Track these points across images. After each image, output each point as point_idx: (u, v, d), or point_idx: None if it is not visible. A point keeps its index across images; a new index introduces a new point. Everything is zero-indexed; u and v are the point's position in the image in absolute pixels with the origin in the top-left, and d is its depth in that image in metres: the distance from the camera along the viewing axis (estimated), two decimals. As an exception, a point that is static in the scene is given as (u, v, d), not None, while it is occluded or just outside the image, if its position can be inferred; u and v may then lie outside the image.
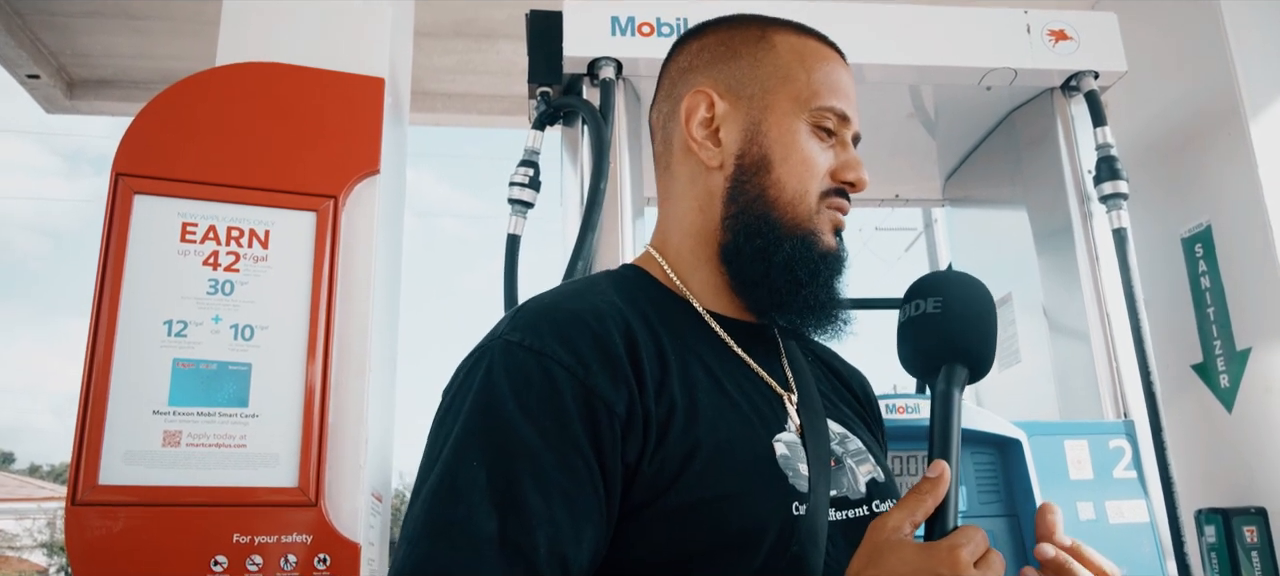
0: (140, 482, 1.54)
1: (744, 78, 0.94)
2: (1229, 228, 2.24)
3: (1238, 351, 2.20)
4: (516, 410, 0.73)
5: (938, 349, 0.82)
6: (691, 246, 0.94)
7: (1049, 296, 2.23)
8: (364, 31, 1.91)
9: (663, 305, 0.90)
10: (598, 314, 0.81)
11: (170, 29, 3.02)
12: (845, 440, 0.92)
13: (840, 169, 0.92)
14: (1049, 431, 1.84)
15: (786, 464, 0.82)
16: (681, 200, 0.96)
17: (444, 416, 0.78)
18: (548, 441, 0.72)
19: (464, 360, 0.82)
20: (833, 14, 2.07)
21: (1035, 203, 2.29)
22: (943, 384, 0.80)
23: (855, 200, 0.96)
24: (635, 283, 0.93)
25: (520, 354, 0.76)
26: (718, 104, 0.93)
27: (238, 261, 1.68)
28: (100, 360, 1.55)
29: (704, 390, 0.82)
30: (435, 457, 0.75)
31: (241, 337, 1.64)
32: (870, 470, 0.91)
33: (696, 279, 0.94)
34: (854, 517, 0.86)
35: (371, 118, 1.81)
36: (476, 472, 0.71)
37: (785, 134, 0.91)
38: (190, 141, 1.71)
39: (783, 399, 0.90)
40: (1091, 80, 2.11)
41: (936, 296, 0.83)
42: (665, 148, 0.99)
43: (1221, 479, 2.23)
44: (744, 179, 0.91)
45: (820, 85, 0.93)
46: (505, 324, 0.81)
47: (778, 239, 0.89)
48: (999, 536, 1.78)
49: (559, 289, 0.89)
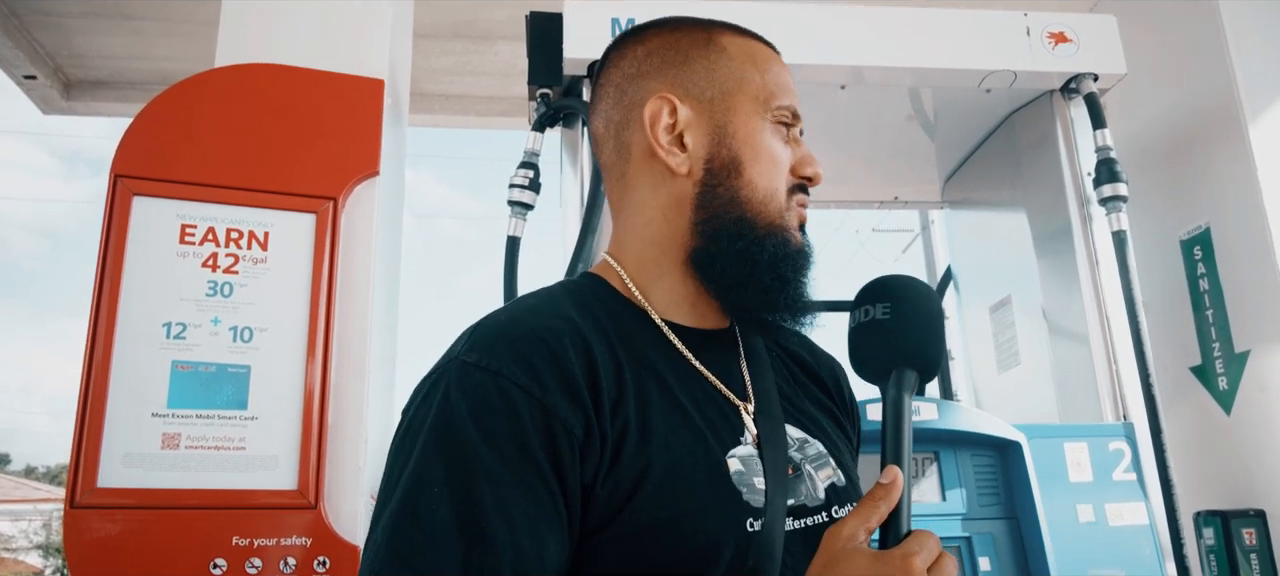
0: (139, 485, 1.53)
1: (701, 82, 0.93)
2: (1228, 230, 2.24)
3: (1236, 354, 2.20)
4: (476, 434, 0.73)
5: (888, 354, 0.83)
6: (654, 255, 0.93)
7: (1048, 299, 2.23)
8: (363, 33, 1.91)
9: (620, 318, 0.89)
10: (555, 332, 0.80)
11: (167, 30, 3.02)
12: (805, 445, 0.92)
13: (799, 164, 0.94)
14: (1049, 434, 1.84)
15: (741, 479, 0.81)
16: (643, 209, 0.94)
17: (403, 440, 0.77)
18: (508, 465, 0.72)
19: (422, 381, 0.81)
20: (832, 16, 2.07)
21: (1035, 205, 2.29)
22: (893, 389, 0.81)
23: (854, 202, 0.97)
24: (593, 294, 0.92)
25: (477, 375, 0.75)
26: (680, 109, 0.92)
27: (237, 263, 1.67)
28: (99, 362, 1.55)
29: (657, 409, 0.81)
30: (395, 482, 0.74)
31: (241, 340, 1.63)
32: (830, 475, 0.91)
33: (658, 288, 0.93)
34: (813, 525, 0.86)
35: (371, 119, 1.81)
36: (438, 499, 0.71)
37: (752, 135, 0.91)
38: (189, 143, 1.70)
39: (739, 410, 0.89)
40: (1091, 82, 2.11)
41: (885, 302, 0.84)
42: (619, 156, 0.97)
43: (1220, 481, 2.23)
44: (715, 183, 0.90)
45: (774, 85, 0.94)
46: (462, 344, 0.80)
47: (758, 239, 0.88)
48: (999, 539, 1.78)
49: (515, 305, 0.88)
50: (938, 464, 1.81)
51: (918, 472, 1.80)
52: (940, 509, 1.78)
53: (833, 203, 2.89)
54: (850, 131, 2.46)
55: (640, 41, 0.98)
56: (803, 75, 2.09)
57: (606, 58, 1.01)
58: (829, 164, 2.79)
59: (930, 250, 5.68)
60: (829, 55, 2.06)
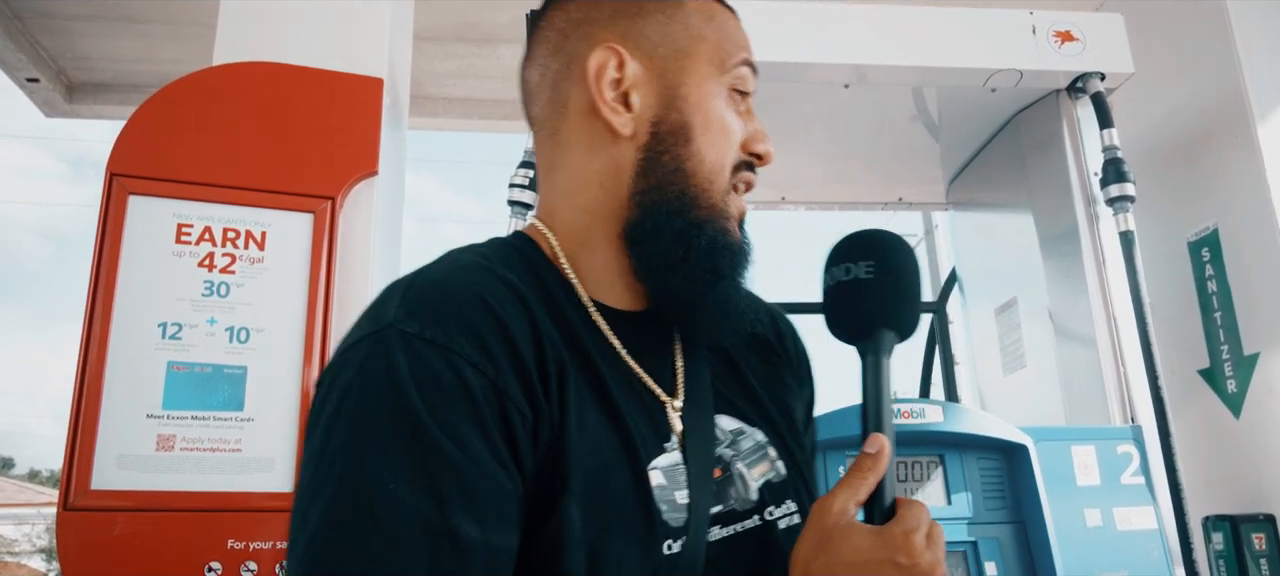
0: (133, 487, 1.52)
1: (655, 35, 0.84)
2: (1236, 231, 2.21)
3: (1245, 356, 2.17)
4: (430, 418, 0.63)
5: (871, 314, 0.78)
6: (587, 224, 0.83)
7: (1055, 300, 2.21)
8: (362, 32, 1.89)
9: (553, 292, 0.80)
10: (500, 299, 0.71)
11: (170, 32, 3.01)
12: (739, 438, 0.85)
13: (751, 139, 0.85)
14: (1056, 437, 1.82)
15: (662, 494, 0.74)
16: (578, 172, 0.84)
17: (334, 422, 0.65)
18: (469, 454, 0.63)
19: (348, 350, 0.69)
20: (835, 14, 2.06)
21: (1041, 206, 2.27)
22: (873, 353, 0.76)
23: (857, 203, 0.92)
24: (527, 259, 0.82)
25: (424, 349, 0.65)
26: (629, 64, 0.82)
27: (234, 263, 1.66)
28: (93, 363, 1.53)
29: (590, 404, 0.74)
30: (328, 472, 0.63)
31: (237, 340, 1.62)
32: (766, 469, 0.85)
33: (590, 263, 0.83)
34: (742, 531, 0.80)
35: (370, 118, 1.79)
36: (394, 493, 0.61)
37: (705, 99, 0.83)
38: (186, 141, 1.69)
39: (666, 407, 0.81)
40: (1098, 82, 2.09)
41: (869, 260, 0.78)
42: (553, 111, 0.86)
43: (1229, 485, 2.20)
44: (661, 149, 0.81)
45: (731, 44, 0.86)
46: (396, 308, 0.68)
47: (698, 222, 0.80)
48: (1005, 543, 1.75)
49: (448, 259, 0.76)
50: (943, 467, 1.79)
51: (922, 476, 1.78)
52: (946, 512, 1.76)
53: (836, 204, 2.87)
54: (853, 132, 2.44)
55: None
56: (806, 75, 2.07)
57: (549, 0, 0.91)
58: (832, 165, 2.79)
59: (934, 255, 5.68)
60: (832, 54, 2.04)
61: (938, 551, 0.68)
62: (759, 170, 0.88)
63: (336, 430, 0.64)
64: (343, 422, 0.64)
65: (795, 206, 2.79)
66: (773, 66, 2.02)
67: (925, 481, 1.78)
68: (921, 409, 1.74)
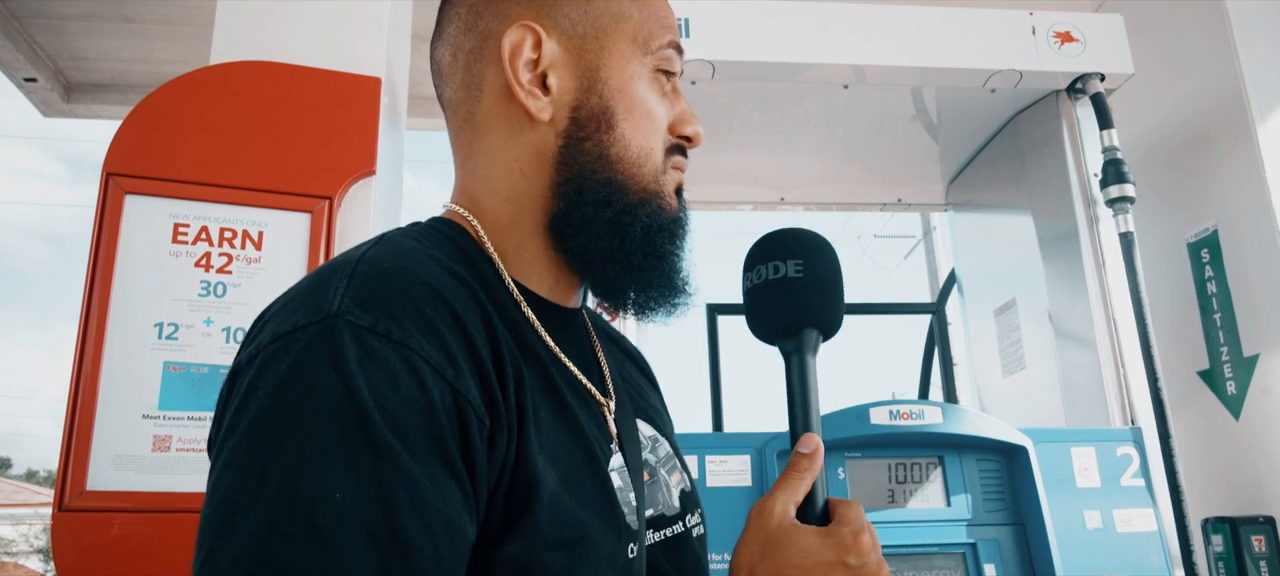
0: (129, 488, 1.51)
1: (573, 14, 0.79)
2: (1236, 232, 2.21)
3: (1245, 358, 2.17)
4: (383, 422, 0.56)
5: (797, 314, 0.76)
6: (511, 215, 0.78)
7: (1054, 302, 2.20)
8: (360, 31, 1.89)
9: (492, 285, 0.74)
10: (452, 291, 0.65)
11: (168, 32, 3.01)
12: (656, 445, 0.84)
13: (678, 121, 0.82)
14: (1055, 438, 1.81)
15: (622, 496, 0.72)
16: (498, 158, 0.79)
17: (267, 419, 0.57)
18: (421, 460, 0.57)
19: (279, 337, 0.60)
20: (834, 15, 2.05)
21: (1040, 207, 2.26)
22: (797, 353, 0.75)
23: (856, 204, 0.90)
24: (465, 249, 0.76)
25: (378, 345, 0.58)
26: (546, 44, 0.78)
27: (230, 263, 1.65)
28: (89, 363, 1.53)
29: (545, 406, 0.70)
30: (260, 478, 0.54)
31: (233, 340, 1.61)
32: (680, 478, 0.85)
33: (517, 254, 0.78)
34: (671, 536, 0.80)
35: (367, 118, 1.79)
36: (341, 505, 0.54)
37: (627, 82, 0.78)
38: (183, 141, 1.68)
39: (604, 409, 0.78)
40: (1097, 82, 2.09)
41: (797, 259, 0.77)
42: (468, 93, 0.81)
43: (1229, 487, 2.19)
44: (582, 136, 0.77)
45: (655, 23, 0.81)
46: (341, 294, 0.61)
47: (629, 207, 0.76)
48: (1005, 545, 1.74)
49: (390, 246, 0.69)
50: (942, 468, 1.78)
51: (922, 477, 1.77)
52: (945, 514, 1.75)
53: (835, 205, 2.86)
54: (853, 132, 2.44)
55: None
56: (804, 75, 2.07)
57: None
58: (831, 165, 2.78)
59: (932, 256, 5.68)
60: (831, 54, 2.04)
61: (879, 552, 0.67)
62: (758, 171, 0.86)
63: (270, 429, 0.56)
64: (277, 421, 0.56)
65: (794, 207, 2.78)
66: (771, 66, 2.02)
67: (925, 483, 1.77)
68: (920, 410, 1.73)
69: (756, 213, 2.84)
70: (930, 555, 1.72)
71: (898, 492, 1.76)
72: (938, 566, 1.72)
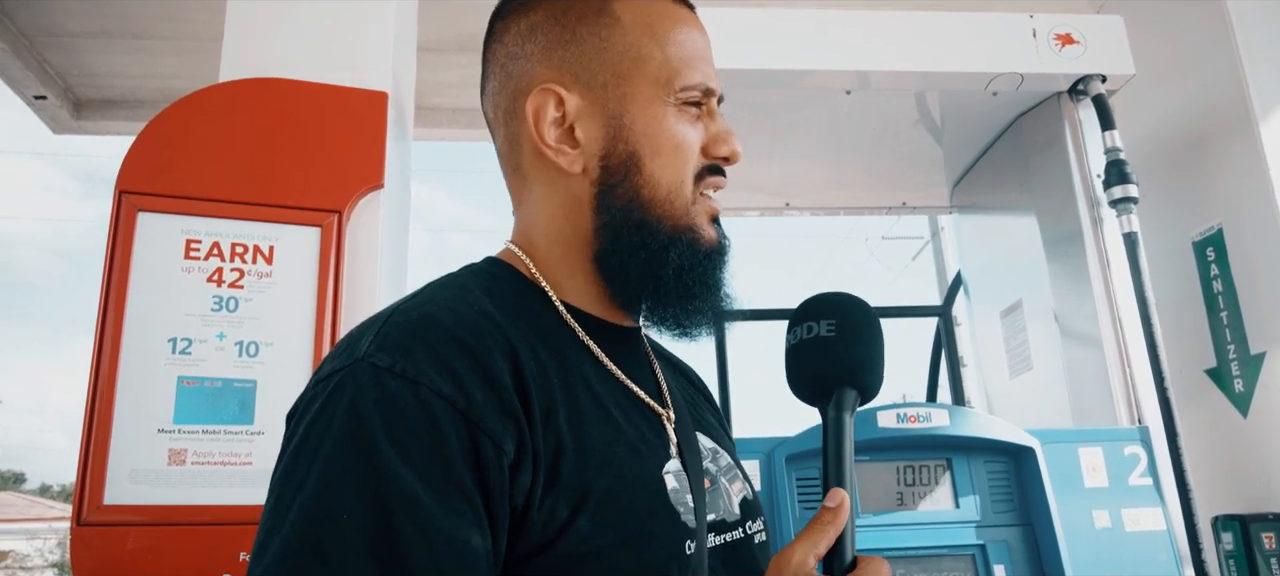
0: (146, 502, 1.53)
1: (592, 65, 0.82)
2: (1240, 230, 2.21)
3: (1252, 355, 2.17)
4: (392, 451, 0.62)
5: (831, 373, 0.80)
6: (561, 253, 0.84)
7: (1060, 302, 2.21)
8: (366, 46, 1.91)
9: (537, 314, 0.80)
10: (477, 332, 0.70)
11: (175, 48, 3.03)
12: (716, 456, 0.87)
13: (712, 143, 0.83)
14: (1063, 438, 1.82)
15: (677, 498, 0.75)
16: (543, 206, 0.85)
17: (298, 454, 0.65)
18: (430, 487, 0.62)
19: (318, 383, 0.69)
20: (836, 21, 2.07)
21: (1044, 208, 2.27)
22: (835, 409, 0.78)
23: (861, 208, 0.92)
24: (506, 285, 0.82)
25: (392, 382, 0.65)
26: (568, 99, 0.81)
27: (242, 277, 1.67)
28: (104, 379, 1.55)
29: (590, 420, 0.74)
30: (289, 505, 0.63)
31: (246, 354, 1.63)
32: (741, 488, 0.87)
33: (571, 284, 0.84)
34: (732, 541, 0.82)
35: (375, 132, 1.81)
36: (346, 526, 0.60)
37: (652, 124, 0.81)
38: (193, 158, 1.70)
39: (661, 419, 0.82)
40: (1099, 84, 2.09)
41: (830, 319, 0.81)
42: (511, 147, 0.87)
43: (1238, 485, 2.20)
44: (614, 183, 0.81)
45: (677, 61, 0.82)
46: (369, 341, 0.68)
47: (662, 247, 0.80)
48: (1014, 546, 1.75)
49: (425, 297, 0.75)
50: (951, 470, 1.79)
51: (930, 480, 1.78)
52: (954, 516, 1.76)
53: (841, 209, 2.87)
54: (857, 137, 2.45)
55: (524, 10, 0.86)
56: (808, 81, 2.08)
57: (491, 27, 0.89)
58: (835, 170, 2.79)
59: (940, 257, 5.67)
60: (834, 60, 2.05)
61: None
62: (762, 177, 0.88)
63: (301, 462, 0.64)
64: (307, 455, 0.64)
65: (799, 212, 2.80)
66: (775, 74, 2.03)
67: (933, 485, 1.78)
68: (928, 413, 1.74)
69: (763, 218, 2.85)
70: (940, 557, 1.73)
71: (906, 495, 1.77)
72: (947, 568, 1.72)
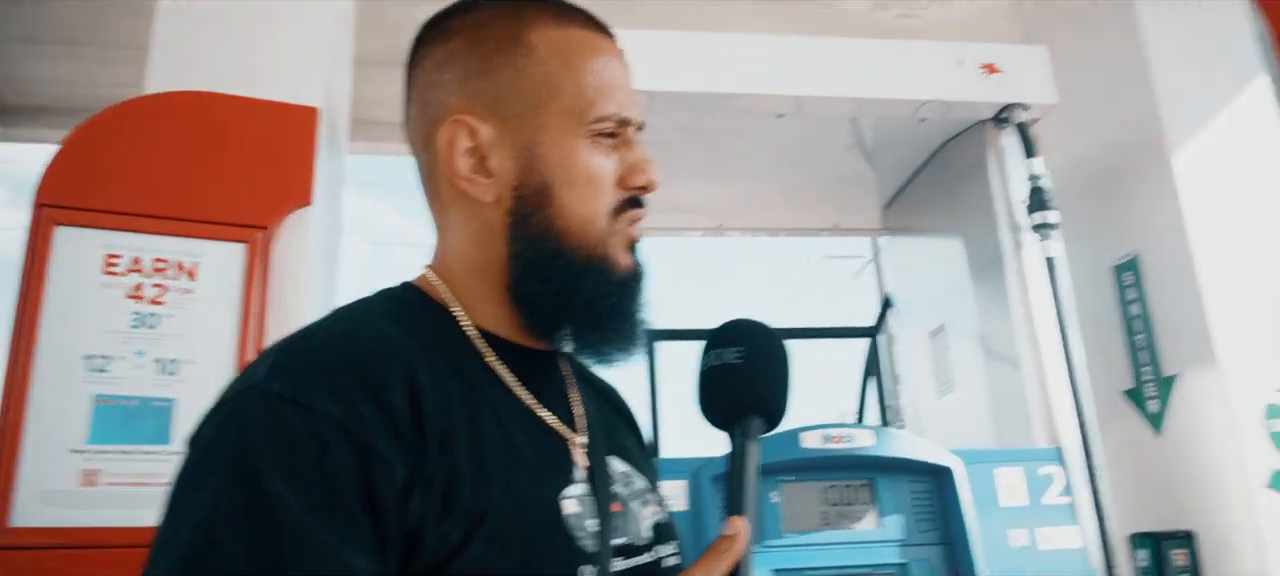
0: (57, 525, 1.49)
1: (506, 95, 0.82)
2: (1155, 257, 2.29)
3: (1165, 377, 2.25)
4: (281, 478, 0.62)
5: (737, 400, 0.81)
6: (476, 279, 0.84)
7: (983, 324, 2.27)
8: (298, 60, 1.89)
9: (446, 339, 0.80)
10: (375, 357, 0.70)
11: (107, 56, 2.97)
12: (629, 479, 0.87)
13: (628, 173, 0.83)
14: (982, 459, 1.87)
15: (576, 522, 0.75)
16: (459, 233, 0.84)
17: (190, 480, 0.65)
18: (318, 513, 0.62)
19: (214, 409, 0.69)
20: (772, 47, 2.10)
21: (969, 232, 2.33)
22: (739, 436, 0.79)
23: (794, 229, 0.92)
24: (415, 309, 0.82)
25: (283, 409, 0.65)
26: (481, 128, 0.81)
27: (163, 294, 1.64)
28: (15, 397, 1.50)
29: (493, 446, 0.74)
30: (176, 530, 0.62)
31: (166, 372, 1.60)
32: (654, 512, 0.88)
33: (483, 311, 0.83)
34: (640, 565, 0.83)
35: (303, 147, 1.79)
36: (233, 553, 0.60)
37: (564, 155, 0.80)
38: (115, 171, 1.67)
39: (568, 443, 0.82)
40: (1022, 112, 2.16)
41: (738, 347, 0.82)
42: (429, 174, 0.86)
43: (1154, 503, 2.27)
44: (527, 213, 0.80)
45: (592, 91, 0.82)
46: (263, 369, 0.68)
47: (575, 276, 0.80)
48: (935, 565, 1.79)
49: (327, 323, 0.76)
50: (874, 490, 1.82)
51: (854, 500, 1.81)
52: (877, 535, 1.79)
53: (776, 230, 2.91)
54: (790, 160, 2.49)
55: (443, 38, 0.86)
56: (742, 104, 2.11)
57: (412, 52, 0.89)
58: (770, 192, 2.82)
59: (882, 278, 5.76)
60: (769, 85, 2.09)
61: None
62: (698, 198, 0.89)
63: (192, 487, 0.64)
64: (198, 480, 0.64)
65: (734, 233, 2.83)
66: (709, 97, 2.06)
67: (857, 505, 1.81)
68: (851, 433, 1.78)
69: (701, 239, 2.88)
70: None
71: (831, 515, 1.80)
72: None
